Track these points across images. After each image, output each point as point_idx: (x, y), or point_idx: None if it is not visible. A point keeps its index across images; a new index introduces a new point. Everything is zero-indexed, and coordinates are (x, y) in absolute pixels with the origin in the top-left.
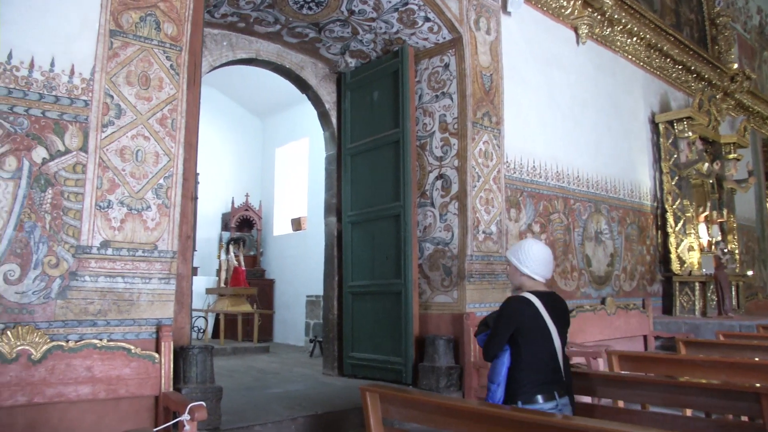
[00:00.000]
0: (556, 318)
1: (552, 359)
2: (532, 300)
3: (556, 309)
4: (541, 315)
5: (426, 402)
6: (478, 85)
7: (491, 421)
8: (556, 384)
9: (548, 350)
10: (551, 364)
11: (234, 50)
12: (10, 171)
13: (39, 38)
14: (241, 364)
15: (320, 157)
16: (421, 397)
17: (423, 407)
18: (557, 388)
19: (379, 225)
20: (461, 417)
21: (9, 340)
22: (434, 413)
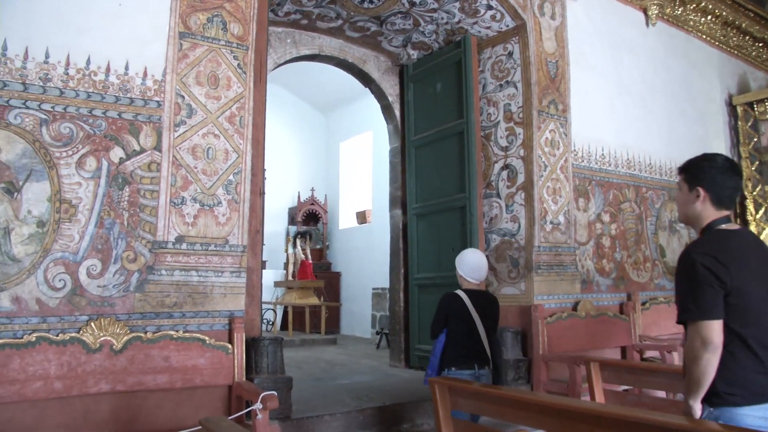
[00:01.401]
0: (481, 310)
1: (474, 340)
2: (461, 295)
3: (482, 303)
4: (467, 307)
5: (495, 394)
6: (543, 73)
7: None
8: (477, 358)
9: (471, 333)
10: (473, 343)
11: (297, 47)
12: (90, 171)
13: (114, 43)
14: (309, 355)
15: (384, 150)
16: (490, 390)
17: (492, 399)
18: (477, 361)
19: (445, 217)
20: (531, 410)
21: (93, 331)
22: (503, 406)
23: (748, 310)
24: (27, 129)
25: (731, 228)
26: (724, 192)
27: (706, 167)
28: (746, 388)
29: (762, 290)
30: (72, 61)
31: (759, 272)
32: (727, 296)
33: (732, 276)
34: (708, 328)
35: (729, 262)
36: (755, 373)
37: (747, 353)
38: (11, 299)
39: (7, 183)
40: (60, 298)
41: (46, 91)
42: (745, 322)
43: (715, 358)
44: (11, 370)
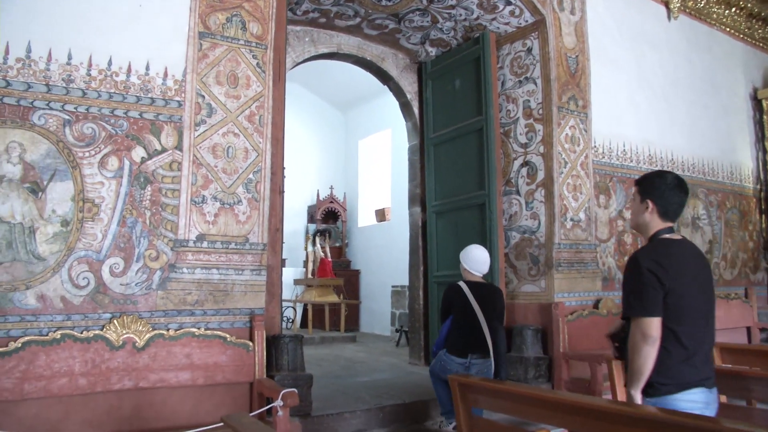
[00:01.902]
0: (482, 300)
1: (473, 328)
2: (462, 287)
3: (483, 294)
4: (467, 298)
5: (516, 393)
6: (563, 68)
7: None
8: (473, 347)
9: (470, 322)
10: (472, 331)
11: (316, 45)
12: (112, 170)
13: (135, 44)
14: (329, 353)
15: (403, 147)
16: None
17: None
18: (472, 350)
19: (464, 214)
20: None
21: (116, 328)
22: (524, 404)
23: (683, 310)
24: (51, 129)
25: (674, 237)
26: (671, 206)
27: (657, 183)
28: (677, 379)
29: (696, 293)
30: (94, 62)
31: (695, 277)
32: (666, 297)
33: (671, 279)
34: (648, 323)
35: (669, 266)
36: (685, 366)
37: (679, 349)
38: (37, 297)
39: (32, 183)
40: (84, 296)
41: (69, 92)
42: (679, 320)
43: (654, 350)
44: (37, 366)
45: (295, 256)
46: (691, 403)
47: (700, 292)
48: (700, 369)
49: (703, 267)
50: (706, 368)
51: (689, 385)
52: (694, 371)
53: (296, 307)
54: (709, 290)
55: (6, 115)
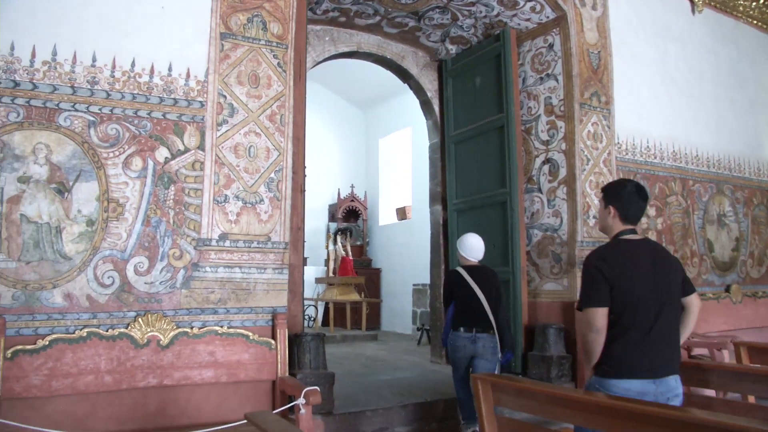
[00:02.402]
0: (481, 283)
1: (476, 307)
2: (461, 271)
3: (480, 276)
4: (466, 281)
5: (539, 392)
6: (585, 64)
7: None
8: (477, 323)
9: (471, 302)
10: (475, 310)
11: (336, 44)
12: (136, 170)
13: (157, 46)
14: (350, 351)
15: (423, 146)
16: (533, 387)
17: (536, 397)
18: (477, 326)
19: (485, 212)
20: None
21: (141, 326)
22: (547, 403)
23: (628, 303)
24: (76, 131)
25: (632, 238)
26: (630, 211)
27: (619, 190)
28: (616, 366)
29: (645, 288)
30: (118, 63)
31: (646, 274)
32: (611, 290)
33: (615, 275)
34: (593, 314)
35: (614, 263)
36: (627, 355)
37: (623, 338)
38: (63, 296)
39: (58, 183)
40: (109, 294)
41: (94, 93)
42: (624, 312)
43: (599, 337)
44: (64, 364)
45: (316, 254)
46: (626, 391)
47: (651, 288)
48: (643, 359)
49: (661, 265)
50: (653, 358)
51: (627, 373)
52: (635, 360)
53: (317, 305)
54: (665, 287)
55: (33, 117)
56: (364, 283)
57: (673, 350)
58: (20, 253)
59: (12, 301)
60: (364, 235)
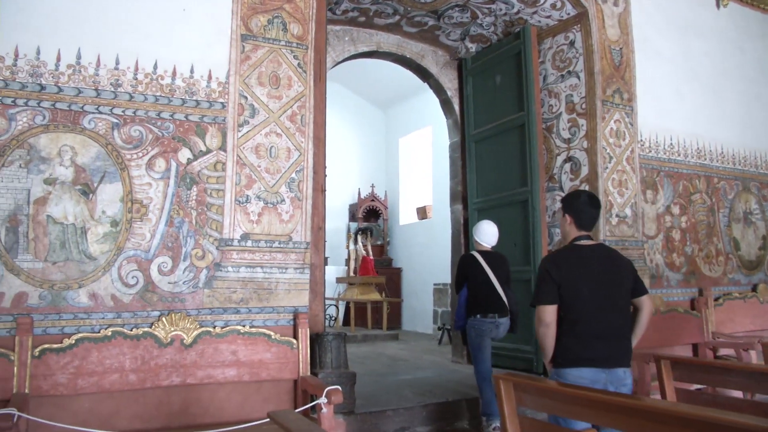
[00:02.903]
0: (495, 267)
1: (490, 292)
2: (476, 255)
3: (495, 262)
4: (481, 265)
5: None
6: (607, 61)
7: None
8: (494, 308)
9: (486, 287)
10: (490, 295)
11: (355, 44)
12: (160, 172)
13: (179, 48)
14: (371, 350)
15: (444, 145)
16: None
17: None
18: (494, 311)
19: (506, 211)
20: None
21: (165, 326)
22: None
23: (575, 301)
24: (100, 133)
25: (585, 243)
26: (584, 219)
27: (573, 201)
28: (568, 356)
29: (591, 288)
30: (140, 66)
31: (592, 275)
32: (560, 289)
33: (563, 276)
34: (542, 310)
35: (563, 265)
36: (576, 346)
37: (571, 332)
38: (88, 295)
39: (83, 185)
40: (133, 294)
41: (117, 96)
42: (571, 309)
43: (548, 330)
44: (90, 362)
45: (337, 254)
46: (579, 378)
47: (598, 287)
48: (592, 350)
49: (611, 267)
50: (602, 350)
51: (578, 362)
52: (584, 351)
53: (338, 305)
54: (613, 287)
55: (58, 119)
56: (384, 283)
57: (621, 345)
58: (47, 253)
59: (39, 300)
60: (384, 235)
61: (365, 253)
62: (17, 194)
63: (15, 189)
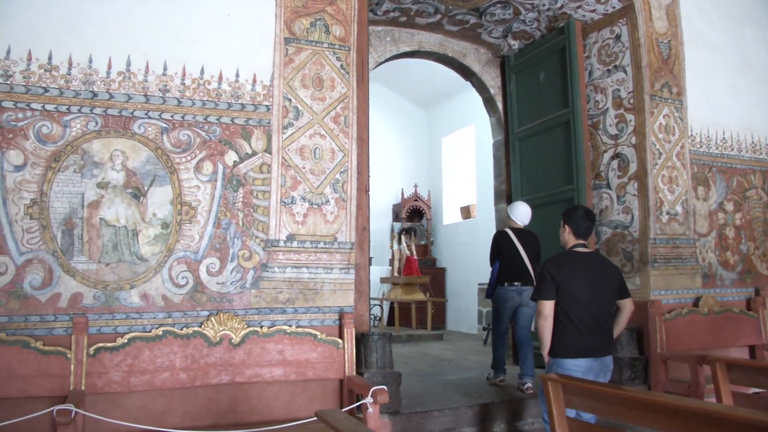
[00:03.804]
0: (524, 243)
1: (518, 263)
2: (508, 232)
3: (525, 238)
4: (512, 240)
5: (612, 394)
6: (655, 54)
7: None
8: (521, 278)
9: (516, 259)
10: (519, 267)
11: (397, 44)
12: (207, 174)
13: (225, 53)
14: (416, 350)
15: (487, 143)
16: (606, 389)
17: (608, 399)
18: (518, 279)
19: (552, 210)
20: (649, 410)
21: (214, 325)
22: (620, 406)
23: (572, 298)
24: (150, 137)
25: (581, 250)
26: (580, 229)
27: (572, 214)
28: (565, 347)
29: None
30: (188, 71)
31: (586, 277)
32: (557, 288)
33: (561, 277)
34: (542, 305)
35: (561, 268)
36: (571, 338)
37: (569, 325)
38: (140, 296)
39: (134, 188)
40: (183, 294)
41: (166, 101)
42: (567, 305)
43: (546, 323)
44: (142, 361)
45: (380, 254)
46: (576, 367)
47: (590, 288)
48: (585, 342)
49: (601, 272)
50: (594, 342)
51: (574, 353)
52: (579, 343)
53: (383, 305)
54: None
55: (110, 125)
56: (428, 283)
57: (608, 336)
58: (100, 255)
59: (93, 300)
60: (428, 235)
61: (409, 253)
62: (72, 198)
63: (70, 193)
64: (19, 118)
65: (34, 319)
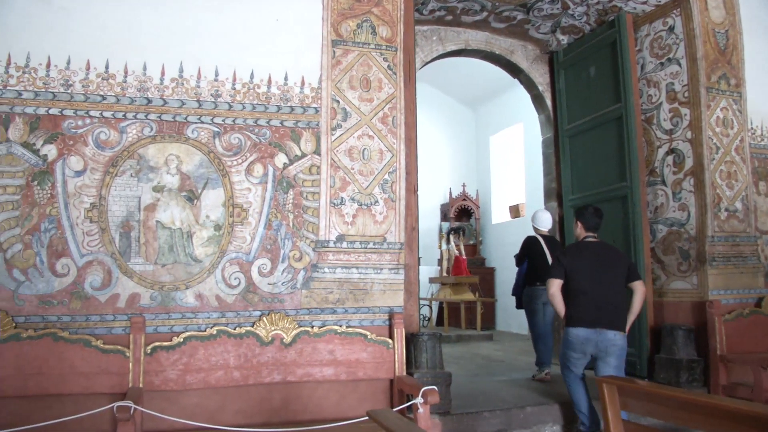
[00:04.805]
0: (551, 248)
1: (545, 266)
2: (538, 237)
3: (551, 244)
4: (541, 245)
5: (670, 397)
6: (711, 45)
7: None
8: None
9: (545, 263)
10: (545, 268)
11: (443, 43)
12: (258, 177)
13: (273, 57)
14: (465, 351)
15: (536, 141)
16: (664, 392)
17: (667, 402)
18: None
19: (604, 208)
20: (712, 415)
21: (266, 325)
22: (679, 409)
23: (577, 279)
24: (202, 141)
25: (590, 240)
26: (590, 224)
27: (583, 212)
28: (572, 318)
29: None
30: (238, 76)
31: (591, 262)
32: (566, 270)
33: (568, 261)
34: (550, 282)
35: (570, 254)
36: (576, 311)
37: (575, 300)
38: (195, 296)
39: (188, 191)
40: (236, 294)
41: (217, 105)
42: (573, 284)
43: (556, 297)
44: (197, 359)
45: (429, 254)
46: (575, 336)
47: (596, 269)
48: (586, 315)
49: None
50: (594, 316)
51: (575, 322)
52: (582, 315)
53: (432, 305)
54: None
55: (164, 130)
56: (478, 283)
57: (614, 313)
58: (156, 256)
59: (150, 301)
60: (477, 234)
61: (458, 253)
62: (129, 202)
63: (127, 197)
64: (79, 125)
65: (95, 319)
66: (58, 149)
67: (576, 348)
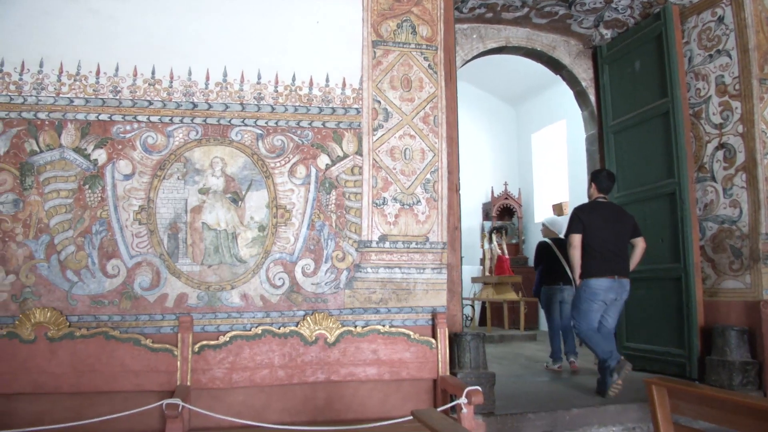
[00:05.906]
0: (561, 250)
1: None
2: (549, 242)
3: (561, 246)
4: (552, 249)
5: (726, 400)
6: (764, 35)
7: None
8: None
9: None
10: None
11: (484, 41)
12: (301, 178)
13: (315, 59)
14: (508, 351)
15: (579, 138)
16: (719, 395)
17: (721, 405)
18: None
19: (651, 205)
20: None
21: (309, 325)
22: (734, 413)
23: (592, 234)
24: (246, 144)
25: (602, 200)
26: (603, 186)
27: (597, 175)
28: (591, 270)
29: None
30: (280, 79)
31: (605, 219)
32: (584, 227)
33: (585, 218)
34: (572, 237)
35: (586, 212)
36: (594, 263)
37: (594, 253)
38: (240, 296)
39: (233, 193)
40: (280, 294)
41: (260, 108)
42: (591, 239)
43: (577, 252)
44: (243, 358)
45: (471, 254)
46: (598, 285)
47: (608, 226)
48: (606, 266)
49: (616, 216)
50: (611, 266)
51: (597, 274)
52: (603, 266)
53: (474, 305)
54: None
55: (209, 133)
56: (521, 282)
57: (624, 263)
58: (203, 257)
59: (197, 300)
60: (519, 233)
61: (500, 252)
62: (176, 204)
63: (174, 199)
64: (127, 130)
65: (144, 318)
66: (107, 154)
67: (599, 297)
